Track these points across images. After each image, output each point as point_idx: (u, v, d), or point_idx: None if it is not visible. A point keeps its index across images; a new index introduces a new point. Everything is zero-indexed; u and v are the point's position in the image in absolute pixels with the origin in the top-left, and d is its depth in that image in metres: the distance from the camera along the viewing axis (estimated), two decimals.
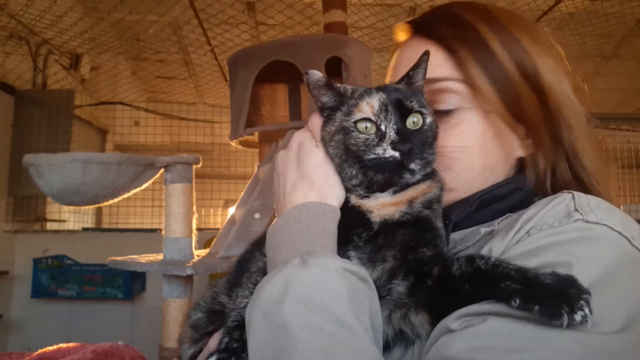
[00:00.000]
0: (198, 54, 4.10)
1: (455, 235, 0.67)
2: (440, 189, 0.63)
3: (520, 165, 0.71)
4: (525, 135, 0.68)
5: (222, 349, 0.57)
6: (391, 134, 0.58)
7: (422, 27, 0.72)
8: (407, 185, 0.61)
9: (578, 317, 0.44)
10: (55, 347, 0.86)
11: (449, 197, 0.67)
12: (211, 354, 0.56)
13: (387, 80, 0.79)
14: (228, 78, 1.92)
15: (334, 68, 1.73)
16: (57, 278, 3.66)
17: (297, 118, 1.98)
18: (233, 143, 1.96)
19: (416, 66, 0.64)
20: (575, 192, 0.58)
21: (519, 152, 0.69)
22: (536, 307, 0.45)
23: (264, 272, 0.60)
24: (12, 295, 3.75)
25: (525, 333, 0.46)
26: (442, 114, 0.67)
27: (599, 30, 3.70)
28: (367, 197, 0.61)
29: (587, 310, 0.44)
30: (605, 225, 0.53)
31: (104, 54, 4.10)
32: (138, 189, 1.75)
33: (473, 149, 0.66)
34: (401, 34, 0.77)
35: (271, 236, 0.61)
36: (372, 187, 0.61)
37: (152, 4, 3.23)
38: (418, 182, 0.61)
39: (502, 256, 0.56)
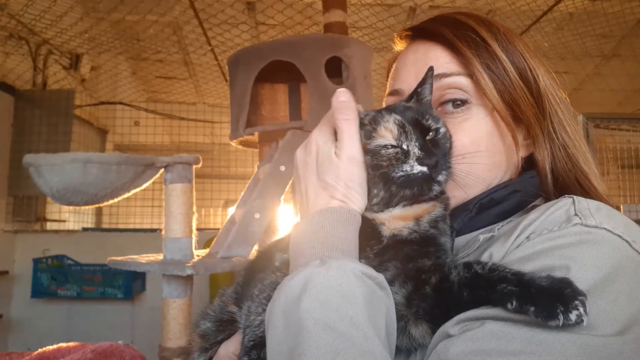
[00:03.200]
0: (198, 54, 4.10)
1: (458, 242, 0.68)
2: (444, 208, 0.64)
3: (523, 165, 0.72)
4: (525, 136, 0.71)
5: None
6: (415, 150, 0.61)
7: (425, 31, 0.74)
8: (417, 201, 0.63)
9: (573, 316, 0.44)
10: (55, 346, 0.86)
11: (463, 195, 0.68)
12: None
13: (388, 84, 0.80)
14: (228, 78, 1.92)
15: (334, 68, 1.73)
16: (57, 278, 3.67)
17: (297, 118, 1.97)
18: (233, 143, 1.96)
19: (423, 82, 0.66)
20: (576, 197, 0.59)
21: (522, 152, 0.71)
22: (532, 309, 0.46)
23: (276, 286, 0.59)
24: (12, 295, 3.75)
25: (522, 336, 0.47)
26: (450, 114, 0.69)
27: (599, 30, 3.70)
28: (382, 210, 0.62)
29: (582, 309, 0.44)
30: (605, 229, 0.54)
31: (104, 54, 4.10)
32: (138, 189, 1.75)
33: (481, 144, 0.68)
34: (400, 41, 0.79)
35: (294, 239, 0.61)
36: (391, 203, 0.62)
37: (152, 4, 3.23)
38: (424, 200, 0.63)
39: (502, 261, 0.56)
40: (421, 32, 0.75)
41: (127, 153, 2.77)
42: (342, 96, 0.64)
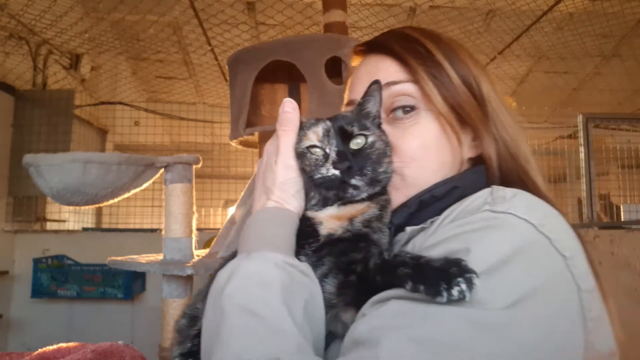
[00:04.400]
0: (198, 54, 4.10)
1: (400, 237, 0.72)
2: (379, 208, 0.69)
3: (472, 165, 0.77)
4: (474, 137, 0.76)
5: (185, 353, 0.68)
6: (332, 155, 0.67)
7: (376, 45, 0.80)
8: (350, 201, 0.68)
9: (455, 292, 0.48)
10: (55, 346, 0.86)
11: (414, 193, 0.72)
12: (174, 357, 0.65)
13: (345, 95, 0.87)
14: (228, 78, 1.92)
15: (334, 68, 1.73)
16: (57, 278, 3.66)
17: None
18: (233, 143, 1.96)
19: (365, 94, 0.73)
20: (495, 187, 0.64)
21: (470, 153, 0.77)
22: (422, 287, 0.51)
23: None
24: (12, 295, 3.75)
25: (419, 312, 0.51)
26: (401, 120, 0.74)
27: (599, 30, 3.70)
28: (320, 210, 0.69)
29: (464, 286, 0.48)
30: (511, 213, 0.58)
31: (104, 54, 4.11)
32: (138, 189, 1.75)
33: (430, 147, 0.73)
34: (355, 57, 0.86)
35: (240, 238, 0.69)
36: (326, 203, 0.69)
37: (152, 4, 3.24)
38: (358, 201, 0.68)
39: (420, 248, 0.62)
40: (373, 47, 0.81)
41: (127, 153, 2.77)
42: (286, 107, 0.71)
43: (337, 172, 0.65)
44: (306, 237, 0.66)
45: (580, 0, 3.30)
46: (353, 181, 0.66)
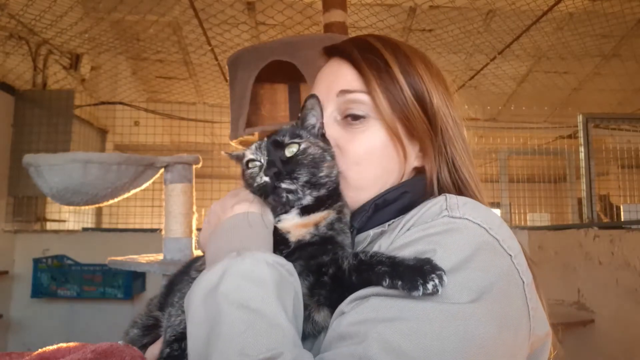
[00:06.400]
0: (198, 54, 4.10)
1: (359, 238, 0.78)
2: (337, 212, 0.75)
3: (417, 173, 0.82)
4: (420, 149, 0.81)
5: (164, 357, 0.68)
6: (264, 164, 0.73)
7: (341, 51, 0.84)
8: (310, 211, 0.73)
9: (430, 286, 0.54)
10: (55, 346, 0.86)
11: (358, 196, 0.78)
12: None
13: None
14: (228, 78, 1.92)
15: None
16: (57, 278, 3.67)
17: (297, 118, 1.97)
18: (233, 143, 1.96)
19: (304, 107, 0.80)
20: (448, 195, 0.70)
21: (416, 162, 0.81)
22: (399, 283, 0.57)
23: None
24: (12, 295, 3.75)
25: (398, 306, 0.57)
26: (353, 124, 0.79)
27: (599, 30, 3.70)
28: (280, 220, 0.73)
29: (437, 281, 0.55)
30: (467, 219, 0.64)
31: (104, 54, 4.11)
32: (138, 189, 1.75)
33: (374, 154, 0.77)
34: (323, 56, 0.90)
35: (211, 242, 0.72)
36: (275, 210, 0.73)
37: (152, 4, 3.24)
38: (319, 210, 0.73)
39: (387, 250, 0.67)
40: (337, 51, 0.85)
41: (127, 153, 2.77)
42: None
43: (266, 179, 0.70)
44: (278, 244, 0.71)
45: (580, 0, 3.30)
46: (283, 185, 0.70)
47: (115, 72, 4.47)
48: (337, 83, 0.80)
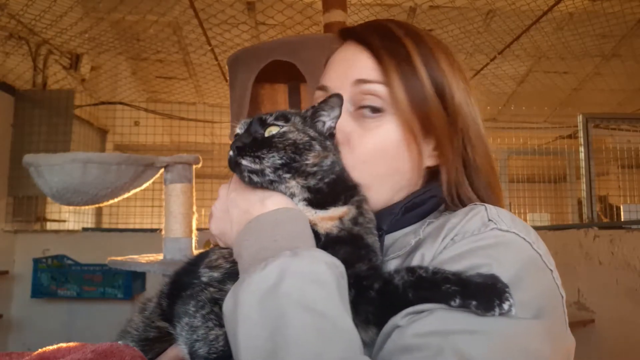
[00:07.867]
0: (198, 54, 4.10)
1: (387, 240, 0.74)
2: (356, 207, 0.69)
3: (430, 173, 0.77)
4: (435, 147, 0.75)
5: None
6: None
7: (358, 35, 0.78)
8: (318, 205, 0.68)
9: (506, 306, 0.53)
10: (55, 346, 0.85)
11: (366, 194, 0.73)
12: None
13: (321, 78, 0.85)
14: (228, 78, 1.92)
15: None
16: (57, 278, 3.67)
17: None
18: None
19: (325, 101, 0.71)
20: (486, 205, 0.67)
21: (429, 162, 0.76)
22: (474, 303, 0.54)
23: (214, 302, 0.63)
24: (12, 295, 3.75)
25: (468, 320, 0.54)
26: (367, 118, 0.73)
27: (599, 30, 3.70)
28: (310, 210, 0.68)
29: (511, 300, 0.53)
30: (514, 232, 0.62)
31: (104, 54, 4.11)
32: (138, 189, 1.75)
33: (386, 152, 0.73)
34: (338, 39, 0.83)
35: (249, 239, 0.64)
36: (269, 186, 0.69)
37: (152, 4, 3.24)
38: (332, 204, 0.68)
39: (434, 261, 0.64)
40: (354, 35, 0.79)
41: (127, 153, 2.77)
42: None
43: (231, 152, 0.67)
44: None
45: (580, 0, 3.30)
46: (244, 162, 0.65)
47: (115, 72, 4.47)
48: (352, 71, 0.74)
